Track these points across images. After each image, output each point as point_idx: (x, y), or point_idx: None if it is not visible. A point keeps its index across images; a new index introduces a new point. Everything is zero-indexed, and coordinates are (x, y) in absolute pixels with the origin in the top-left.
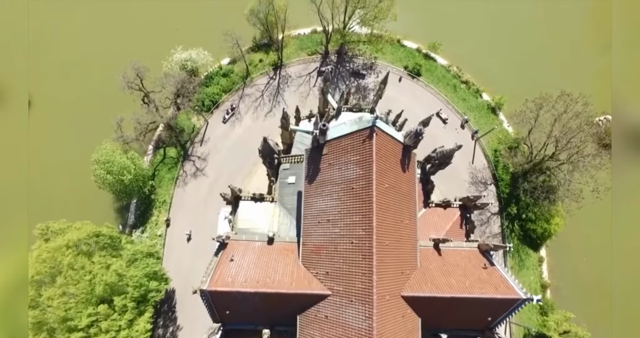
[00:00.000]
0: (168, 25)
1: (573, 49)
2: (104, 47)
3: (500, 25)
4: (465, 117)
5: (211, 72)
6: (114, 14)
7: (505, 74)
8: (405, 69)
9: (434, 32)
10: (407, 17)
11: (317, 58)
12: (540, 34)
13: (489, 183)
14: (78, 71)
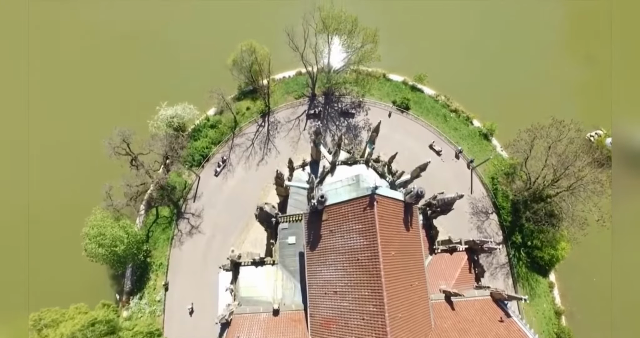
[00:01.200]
0: (152, 81)
1: (554, 61)
2: (87, 112)
3: (481, 51)
4: (459, 148)
5: (199, 125)
6: (94, 74)
7: (492, 97)
8: (393, 104)
9: (418, 64)
10: (390, 51)
11: (304, 101)
12: (519, 52)
13: (490, 212)
14: (63, 141)
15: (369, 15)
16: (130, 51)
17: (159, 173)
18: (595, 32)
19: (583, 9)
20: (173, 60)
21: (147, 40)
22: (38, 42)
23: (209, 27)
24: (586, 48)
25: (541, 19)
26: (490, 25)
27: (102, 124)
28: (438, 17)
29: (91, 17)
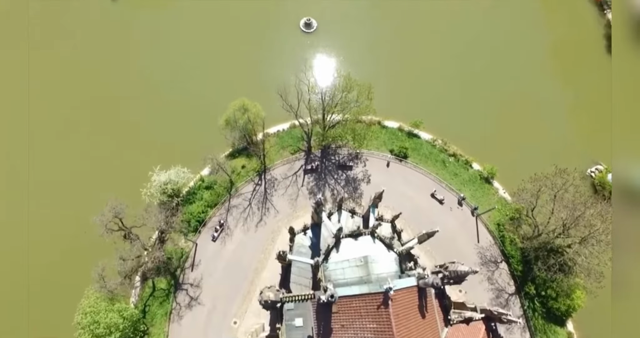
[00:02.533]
0: (143, 144)
1: (542, 89)
2: (77, 184)
3: (474, 92)
4: (462, 195)
5: (193, 188)
6: (81, 143)
7: (489, 139)
8: (391, 153)
9: (413, 109)
10: (383, 98)
11: (300, 155)
12: (512, 91)
13: (499, 261)
14: (53, 219)
15: (360, 64)
16: (118, 114)
17: (154, 246)
18: (588, 62)
19: (571, 40)
20: (164, 122)
21: (136, 102)
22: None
23: (200, 87)
24: (580, 79)
25: (532, 56)
26: (482, 67)
27: (93, 198)
28: (428, 63)
29: (83, 79)
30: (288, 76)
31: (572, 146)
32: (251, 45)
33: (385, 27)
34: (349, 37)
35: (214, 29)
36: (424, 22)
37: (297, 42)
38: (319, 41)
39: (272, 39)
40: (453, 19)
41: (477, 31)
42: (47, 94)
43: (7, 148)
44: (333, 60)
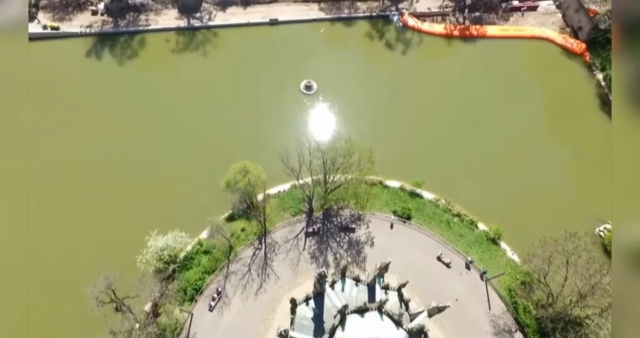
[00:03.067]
0: (141, 207)
1: (541, 147)
2: (71, 251)
3: (474, 151)
4: (469, 258)
5: (191, 252)
6: (80, 207)
7: (493, 198)
8: (394, 214)
9: (414, 168)
10: (384, 158)
11: (302, 217)
12: (514, 150)
13: (514, 330)
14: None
15: (360, 124)
16: (117, 176)
17: (147, 319)
18: (583, 120)
19: (564, 99)
20: (164, 184)
21: (135, 164)
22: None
23: (200, 150)
24: (576, 136)
25: (528, 115)
26: (480, 127)
27: (87, 265)
28: (427, 123)
29: (81, 141)
30: (289, 138)
31: (576, 203)
32: (252, 107)
33: (384, 88)
34: (348, 98)
35: (216, 91)
36: (421, 82)
37: (297, 104)
38: (319, 103)
39: (273, 101)
40: (449, 81)
41: (473, 92)
42: (46, 156)
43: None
44: (333, 121)
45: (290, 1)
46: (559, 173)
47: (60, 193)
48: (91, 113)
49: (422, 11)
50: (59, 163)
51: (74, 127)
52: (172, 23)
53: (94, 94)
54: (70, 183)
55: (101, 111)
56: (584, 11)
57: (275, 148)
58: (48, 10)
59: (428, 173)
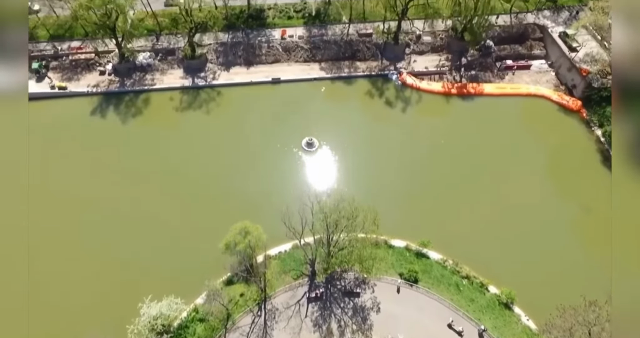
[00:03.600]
0: (135, 274)
1: (546, 204)
2: (59, 321)
3: (478, 209)
4: (482, 327)
5: (186, 320)
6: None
7: (502, 258)
8: (401, 277)
9: (419, 227)
10: (388, 217)
11: (304, 281)
12: (521, 206)
13: None
14: None
15: (363, 182)
16: (111, 239)
17: None
18: (586, 176)
19: (565, 155)
20: (160, 245)
21: (131, 225)
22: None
23: (199, 211)
24: (579, 193)
25: (531, 172)
26: (484, 183)
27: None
28: (431, 180)
29: (79, 201)
30: (291, 197)
31: (590, 262)
32: (254, 165)
33: (386, 145)
34: (350, 155)
35: (218, 149)
36: (422, 139)
37: (299, 162)
38: (321, 160)
39: (274, 158)
40: (450, 137)
41: (474, 148)
42: (45, 215)
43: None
44: (335, 179)
45: (291, 61)
46: (568, 231)
47: (55, 253)
48: (91, 172)
49: (420, 70)
50: (56, 222)
51: (72, 186)
52: (177, 82)
53: (96, 152)
54: (66, 244)
55: (101, 170)
56: (576, 70)
57: (277, 207)
58: (58, 71)
59: (433, 231)
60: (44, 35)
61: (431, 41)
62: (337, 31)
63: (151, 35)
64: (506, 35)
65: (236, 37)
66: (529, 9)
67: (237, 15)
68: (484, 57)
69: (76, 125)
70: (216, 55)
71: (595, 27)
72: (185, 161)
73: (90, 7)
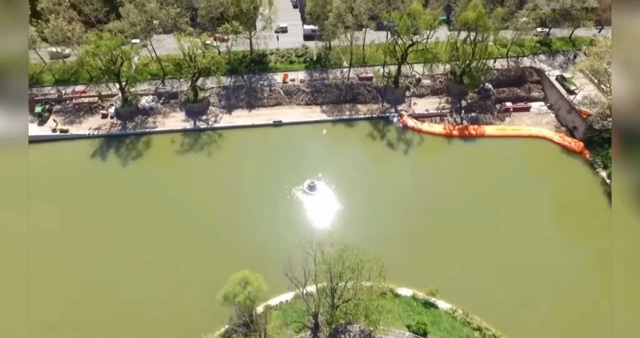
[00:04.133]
0: (127, 326)
1: (555, 248)
2: None
3: (487, 255)
4: None
5: None
6: None
7: (514, 306)
8: (409, 330)
9: (426, 274)
10: (394, 263)
11: (306, 335)
12: (520, 243)
13: None
14: None
15: (367, 227)
16: (104, 281)
17: None
18: (593, 218)
19: (571, 197)
20: (156, 294)
21: (125, 273)
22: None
23: (197, 259)
24: (589, 237)
25: (539, 215)
26: (491, 228)
27: None
28: (437, 225)
29: (77, 253)
30: (292, 244)
31: (604, 309)
32: (255, 209)
33: (389, 187)
34: (353, 199)
35: (218, 192)
36: (426, 182)
37: (301, 206)
38: (323, 204)
39: (276, 202)
40: (454, 179)
41: (479, 190)
42: (42, 261)
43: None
44: (338, 224)
45: (293, 104)
46: (583, 276)
47: (51, 298)
48: (88, 216)
49: (421, 112)
50: (54, 267)
51: (70, 230)
52: (179, 125)
53: (94, 196)
54: (61, 288)
55: (99, 214)
56: (576, 112)
57: (278, 254)
58: (60, 114)
59: (441, 278)
60: (49, 80)
61: (431, 84)
62: (338, 75)
63: (155, 79)
64: (504, 78)
65: (238, 81)
66: (525, 54)
67: (240, 60)
68: (483, 100)
69: (76, 168)
70: (218, 98)
71: (591, 71)
72: (185, 205)
73: (97, 54)
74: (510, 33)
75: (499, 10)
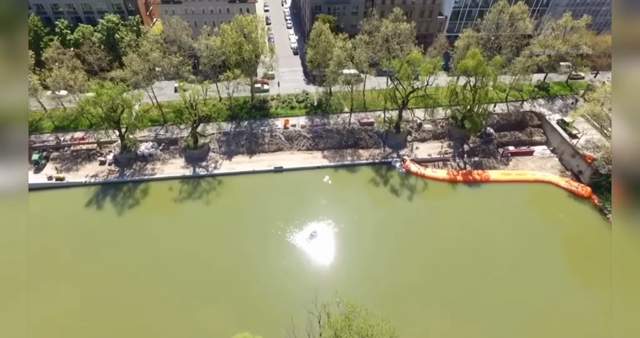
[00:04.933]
0: None
1: (572, 298)
2: None
3: (498, 309)
4: None
5: None
6: None
7: None
8: None
9: (435, 327)
10: (403, 322)
11: None
12: (535, 298)
13: None
14: None
15: (373, 280)
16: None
17: None
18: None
19: (582, 244)
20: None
21: (117, 329)
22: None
23: (194, 317)
24: (602, 285)
25: (551, 266)
26: (505, 277)
27: None
28: (445, 281)
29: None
30: (295, 300)
31: None
32: (255, 261)
33: (396, 236)
34: (357, 249)
35: (217, 243)
36: (432, 229)
37: (303, 257)
38: (326, 256)
39: (277, 254)
40: (461, 226)
41: (487, 237)
42: (40, 313)
43: None
44: (343, 278)
45: (294, 150)
46: (598, 326)
47: None
48: (82, 268)
49: (423, 157)
50: (50, 319)
51: (61, 282)
52: (178, 172)
53: (88, 246)
54: None
55: (92, 266)
56: (581, 157)
57: (280, 312)
58: (58, 161)
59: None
60: (48, 127)
61: (432, 129)
62: (339, 120)
63: (155, 126)
64: (505, 122)
65: (239, 126)
66: (524, 98)
67: (241, 105)
68: (485, 144)
69: (70, 217)
70: (219, 144)
71: (593, 116)
72: (182, 258)
73: (97, 102)
74: (509, 78)
75: (498, 58)
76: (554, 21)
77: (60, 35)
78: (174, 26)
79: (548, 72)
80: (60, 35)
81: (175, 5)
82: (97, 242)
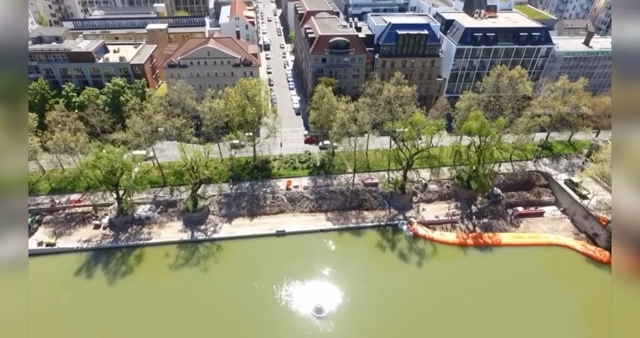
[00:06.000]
0: None
1: None
2: None
3: None
4: None
5: None
6: None
7: None
8: None
9: None
10: None
11: None
12: None
13: None
14: None
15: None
16: None
17: None
18: None
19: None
20: None
21: None
22: None
23: None
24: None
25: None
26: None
27: None
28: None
29: None
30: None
31: None
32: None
33: (407, 305)
34: (367, 322)
35: (215, 314)
36: (445, 298)
37: (308, 333)
38: (333, 331)
39: (278, 330)
40: (474, 293)
41: (501, 305)
42: None
43: None
44: None
45: (297, 212)
46: None
47: None
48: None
49: (431, 219)
50: None
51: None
52: (175, 236)
53: (74, 318)
54: None
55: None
56: (594, 219)
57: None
58: (50, 225)
59: None
60: (45, 189)
61: (438, 189)
62: (343, 181)
63: (154, 187)
64: (511, 182)
65: (240, 187)
66: (528, 157)
67: (243, 166)
68: (494, 205)
69: (58, 287)
70: (219, 206)
71: (602, 177)
72: (175, 331)
73: (97, 165)
74: (511, 137)
75: (502, 120)
76: (552, 84)
77: (67, 98)
78: (178, 90)
79: (550, 132)
80: (67, 98)
81: (181, 69)
82: (84, 314)
